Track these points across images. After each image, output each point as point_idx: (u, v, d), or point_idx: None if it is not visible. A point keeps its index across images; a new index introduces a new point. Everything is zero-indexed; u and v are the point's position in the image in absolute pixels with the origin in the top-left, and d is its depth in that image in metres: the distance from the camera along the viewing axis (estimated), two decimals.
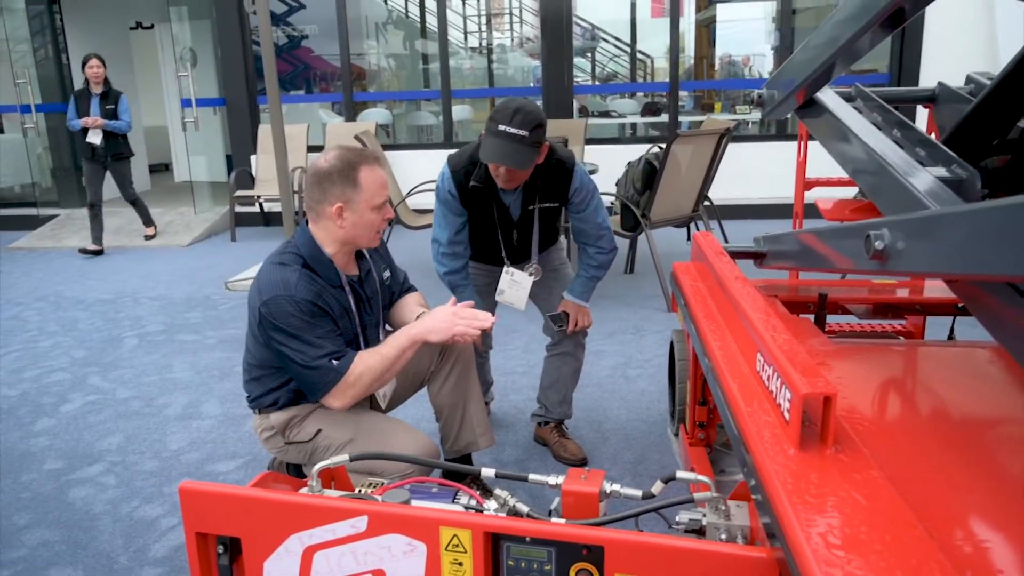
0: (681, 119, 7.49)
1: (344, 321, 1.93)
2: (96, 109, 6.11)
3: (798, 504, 0.94)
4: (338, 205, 1.85)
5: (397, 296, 2.22)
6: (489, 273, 2.58)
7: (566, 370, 2.60)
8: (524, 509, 1.31)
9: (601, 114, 8.32)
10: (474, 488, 2.19)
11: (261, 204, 7.35)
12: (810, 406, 1.14)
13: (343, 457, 1.39)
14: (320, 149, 7.21)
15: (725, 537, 1.19)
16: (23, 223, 7.56)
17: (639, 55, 8.45)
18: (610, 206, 4.92)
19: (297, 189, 6.33)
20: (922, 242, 1.13)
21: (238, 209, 7.05)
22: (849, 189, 3.06)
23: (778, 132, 7.21)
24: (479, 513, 1.29)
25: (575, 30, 7.44)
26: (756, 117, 7.42)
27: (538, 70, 7.69)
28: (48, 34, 8.00)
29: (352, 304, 1.96)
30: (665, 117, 7.46)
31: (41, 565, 2.10)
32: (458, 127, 7.68)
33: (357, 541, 1.20)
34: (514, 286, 2.51)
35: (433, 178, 2.57)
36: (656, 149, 4.64)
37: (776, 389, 1.19)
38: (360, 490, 1.40)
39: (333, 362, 1.82)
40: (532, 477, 1.36)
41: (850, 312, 2.40)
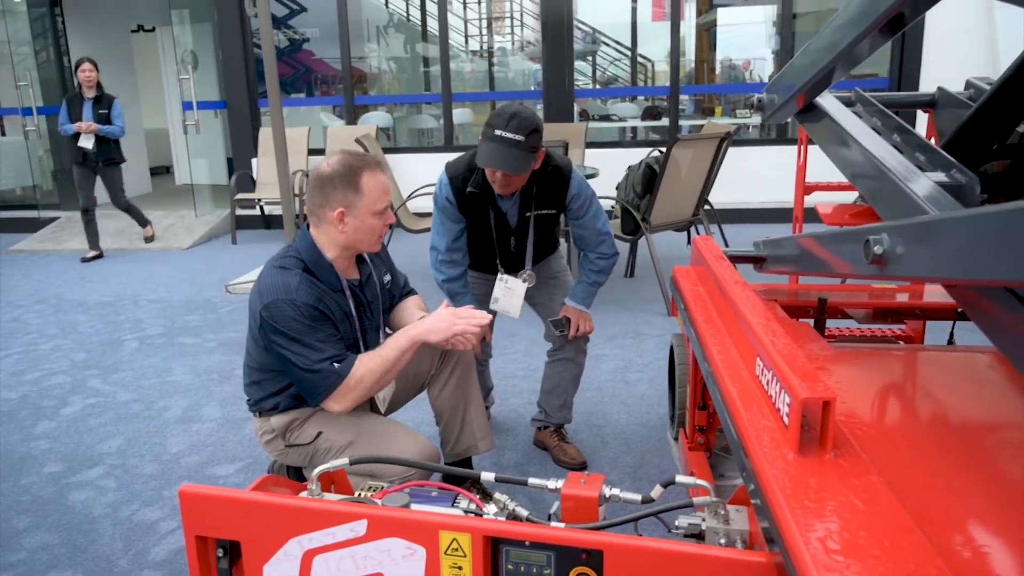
0: (682, 123, 7.50)
1: (345, 325, 1.93)
2: (89, 114, 6.02)
3: (797, 509, 0.94)
4: (340, 210, 1.85)
5: (397, 300, 2.22)
6: (487, 282, 2.59)
7: (567, 375, 2.60)
8: (524, 513, 1.31)
9: (602, 118, 8.33)
10: (474, 492, 2.20)
11: (262, 207, 7.37)
12: (809, 411, 1.14)
13: (343, 461, 1.39)
14: (321, 152, 7.24)
15: (724, 541, 1.19)
16: (24, 225, 7.57)
17: (640, 59, 8.47)
18: (610, 210, 4.93)
19: (298, 192, 6.34)
20: (921, 247, 1.13)
21: (239, 212, 7.06)
22: (849, 194, 3.07)
23: (778, 136, 7.22)
24: (478, 517, 1.29)
25: (576, 34, 7.45)
26: (756, 121, 7.43)
27: (539, 74, 7.70)
28: (50, 37, 8.01)
29: (353, 308, 1.96)
30: (665, 121, 7.47)
31: (41, 568, 2.10)
32: (459, 130, 7.69)
33: (357, 545, 1.20)
34: (508, 293, 2.51)
35: (433, 181, 2.58)
36: (656, 153, 4.65)
37: (775, 394, 1.19)
38: (360, 494, 1.40)
39: (334, 365, 1.82)
40: (532, 481, 1.35)
41: (850, 316, 2.40)
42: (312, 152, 7.16)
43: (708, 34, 8.22)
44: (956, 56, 6.27)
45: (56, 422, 3.08)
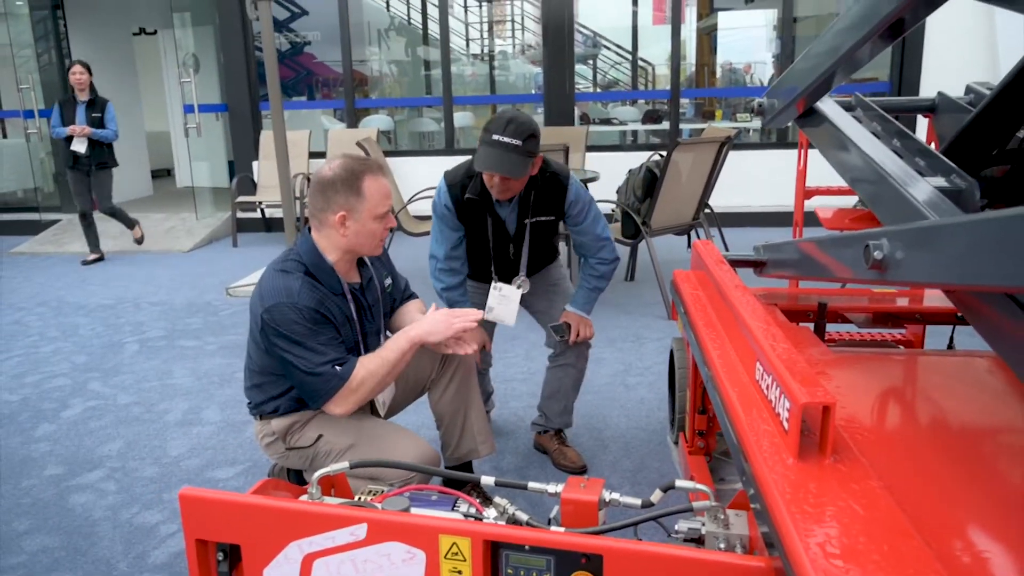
0: (682, 127, 7.51)
1: (346, 329, 1.93)
2: (82, 117, 5.93)
3: (797, 514, 0.94)
4: (341, 214, 1.86)
5: (398, 303, 2.22)
6: (487, 292, 2.59)
7: (568, 381, 2.60)
8: (523, 517, 1.32)
9: (602, 121, 8.34)
10: (474, 495, 2.20)
11: (263, 210, 7.38)
12: (809, 416, 1.14)
13: (343, 464, 1.39)
14: (322, 155, 7.25)
15: (724, 546, 1.19)
16: (25, 228, 7.58)
17: (640, 62, 8.48)
18: (611, 213, 4.94)
19: (299, 195, 6.35)
20: (921, 252, 1.13)
21: (240, 215, 7.07)
22: (849, 198, 3.07)
23: (779, 140, 7.23)
24: (478, 521, 1.29)
25: (577, 37, 7.46)
26: (757, 125, 7.44)
27: (540, 77, 7.72)
28: (51, 39, 8.02)
29: (354, 312, 1.96)
30: (666, 124, 7.48)
31: (41, 571, 2.10)
32: (459, 134, 7.70)
33: (356, 549, 1.20)
34: (503, 301, 2.50)
35: (434, 184, 2.58)
36: (657, 157, 4.66)
37: (775, 398, 1.19)
38: (360, 497, 1.41)
39: (336, 368, 1.83)
40: (531, 485, 1.36)
41: (850, 320, 2.40)
42: (313, 155, 7.17)
43: (709, 38, 8.24)
44: (956, 60, 6.29)
45: (56, 425, 3.09)
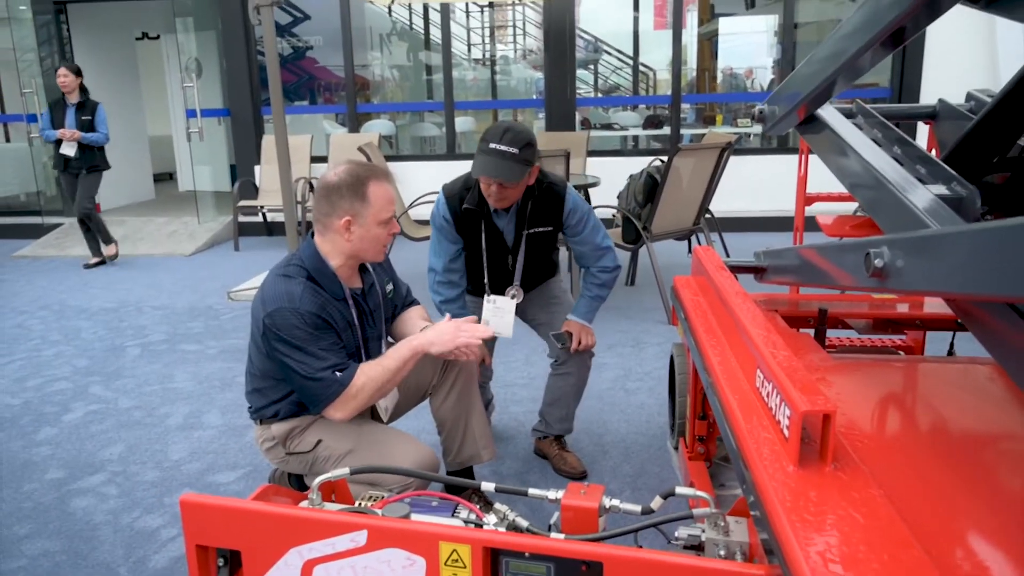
0: (683, 132, 7.52)
1: (347, 334, 1.94)
2: (71, 120, 5.86)
3: (797, 522, 0.94)
4: (346, 219, 1.87)
5: (400, 309, 2.23)
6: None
7: (569, 389, 2.60)
8: (524, 523, 1.32)
9: (603, 126, 8.35)
10: (475, 500, 2.20)
11: (264, 214, 7.39)
12: (809, 423, 1.14)
13: (344, 470, 1.39)
14: (323, 160, 7.26)
15: (724, 553, 1.19)
16: (28, 231, 7.59)
17: (641, 67, 8.49)
18: (612, 218, 4.94)
19: (300, 199, 6.36)
20: (922, 261, 1.14)
21: (241, 219, 7.08)
22: (850, 204, 3.07)
23: (779, 146, 7.23)
24: (478, 528, 1.29)
25: (578, 42, 7.48)
26: (758, 130, 7.45)
27: (541, 82, 7.73)
28: (55, 44, 8.05)
29: (355, 317, 1.97)
30: (667, 130, 7.49)
31: (41, 575, 2.10)
32: (461, 138, 7.71)
33: (357, 555, 1.21)
34: (498, 313, 2.50)
35: (435, 189, 2.59)
36: (658, 162, 4.66)
37: (775, 406, 1.19)
38: (360, 503, 1.41)
39: (336, 374, 1.83)
40: (532, 492, 1.36)
41: (850, 327, 2.40)
42: (315, 160, 7.18)
43: (710, 43, 8.25)
44: (956, 66, 6.30)
45: (58, 428, 3.09)
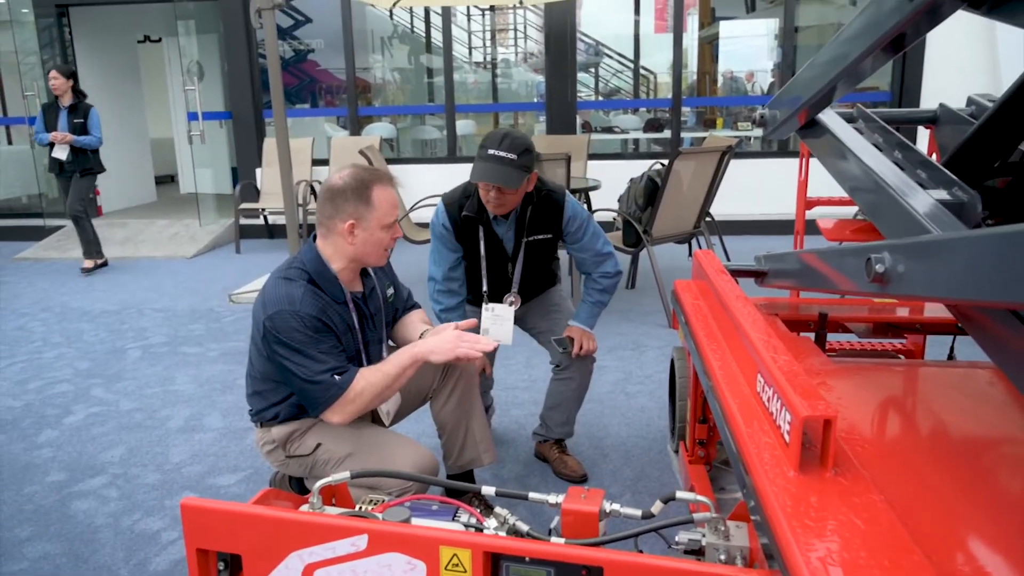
0: (683, 135, 7.52)
1: (347, 337, 1.94)
2: (64, 123, 5.80)
3: (797, 527, 0.94)
4: (350, 222, 1.87)
5: (401, 313, 2.23)
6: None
7: (570, 393, 2.60)
8: (524, 528, 1.31)
9: (604, 129, 8.36)
10: (476, 503, 2.20)
11: (265, 217, 7.40)
12: (810, 429, 1.14)
13: (344, 475, 1.39)
14: (325, 163, 7.27)
15: (724, 558, 1.19)
16: (29, 233, 7.59)
17: (642, 71, 8.50)
18: (612, 222, 4.95)
19: (301, 202, 6.36)
20: (923, 267, 1.14)
21: (243, 221, 7.09)
22: (851, 208, 3.07)
23: (780, 149, 7.24)
24: (479, 532, 1.29)
25: (579, 46, 7.49)
26: (758, 133, 7.45)
27: (542, 85, 7.74)
28: (57, 47, 8.06)
29: (355, 321, 1.97)
30: (668, 133, 7.50)
31: None
32: (462, 142, 7.72)
33: (357, 559, 1.21)
34: (497, 321, 2.50)
35: (436, 192, 2.60)
36: (658, 165, 4.67)
37: (776, 411, 1.19)
38: (360, 507, 1.41)
39: (335, 377, 1.83)
40: (532, 496, 1.36)
41: (851, 331, 2.40)
42: (316, 163, 7.19)
43: (710, 46, 8.26)
44: (957, 71, 6.30)
45: (59, 431, 3.09)
